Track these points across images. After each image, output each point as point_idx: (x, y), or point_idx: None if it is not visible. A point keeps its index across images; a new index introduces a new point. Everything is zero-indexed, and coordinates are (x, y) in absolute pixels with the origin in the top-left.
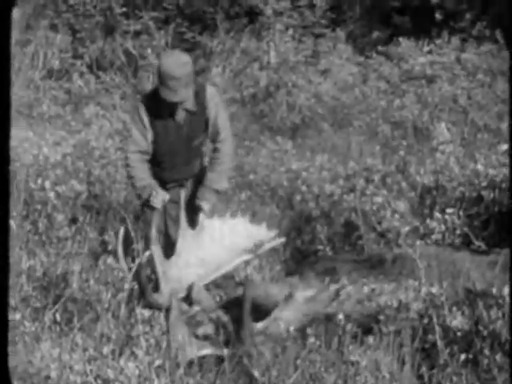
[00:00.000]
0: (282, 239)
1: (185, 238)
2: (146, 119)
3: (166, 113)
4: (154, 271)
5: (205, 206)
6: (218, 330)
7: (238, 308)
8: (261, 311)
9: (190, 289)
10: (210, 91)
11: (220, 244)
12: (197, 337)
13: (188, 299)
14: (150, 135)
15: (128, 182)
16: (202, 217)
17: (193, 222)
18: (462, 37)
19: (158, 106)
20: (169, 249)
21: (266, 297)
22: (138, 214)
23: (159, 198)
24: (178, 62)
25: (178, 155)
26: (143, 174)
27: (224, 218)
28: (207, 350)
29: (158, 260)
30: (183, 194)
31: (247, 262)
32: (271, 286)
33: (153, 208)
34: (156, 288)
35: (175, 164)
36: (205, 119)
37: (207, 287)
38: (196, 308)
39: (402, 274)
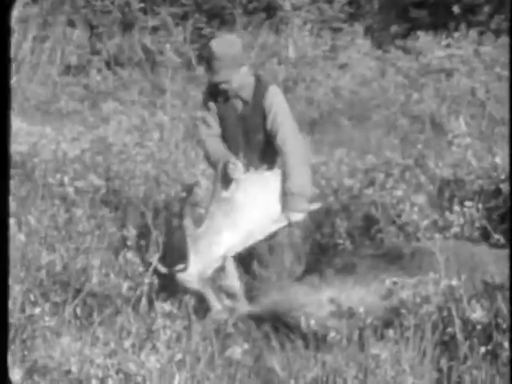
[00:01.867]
0: (319, 204)
1: (218, 200)
2: (211, 104)
3: (223, 99)
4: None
5: (294, 217)
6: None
7: (270, 322)
8: (285, 315)
9: (222, 266)
10: (273, 89)
11: (254, 202)
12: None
13: (220, 286)
14: (216, 118)
15: (205, 160)
16: (237, 173)
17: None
18: (480, 30)
19: (217, 92)
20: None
21: (289, 301)
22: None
23: (238, 168)
24: (222, 43)
25: (239, 144)
26: (218, 147)
27: (259, 171)
28: None
29: (189, 233)
30: (221, 163)
31: None
32: (293, 287)
33: (229, 180)
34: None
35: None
36: (262, 114)
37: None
38: (227, 303)
39: (422, 267)
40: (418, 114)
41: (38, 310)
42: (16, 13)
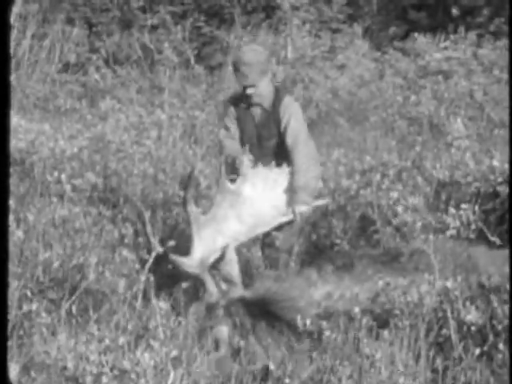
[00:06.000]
0: (327, 200)
1: (224, 191)
2: (231, 109)
3: (245, 106)
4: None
5: (299, 210)
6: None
7: (260, 309)
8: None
9: (222, 255)
10: (287, 99)
11: (261, 196)
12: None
13: (219, 271)
14: (235, 122)
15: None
16: (245, 168)
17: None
18: (479, 32)
19: (240, 99)
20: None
21: (282, 294)
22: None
23: (245, 163)
24: (251, 51)
25: (253, 149)
26: (232, 145)
27: (269, 167)
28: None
29: (193, 218)
30: (227, 157)
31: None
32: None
33: (237, 174)
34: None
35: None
36: (277, 122)
37: None
38: (224, 288)
39: (419, 268)
40: (415, 115)
41: (34, 307)
42: (16, 10)
